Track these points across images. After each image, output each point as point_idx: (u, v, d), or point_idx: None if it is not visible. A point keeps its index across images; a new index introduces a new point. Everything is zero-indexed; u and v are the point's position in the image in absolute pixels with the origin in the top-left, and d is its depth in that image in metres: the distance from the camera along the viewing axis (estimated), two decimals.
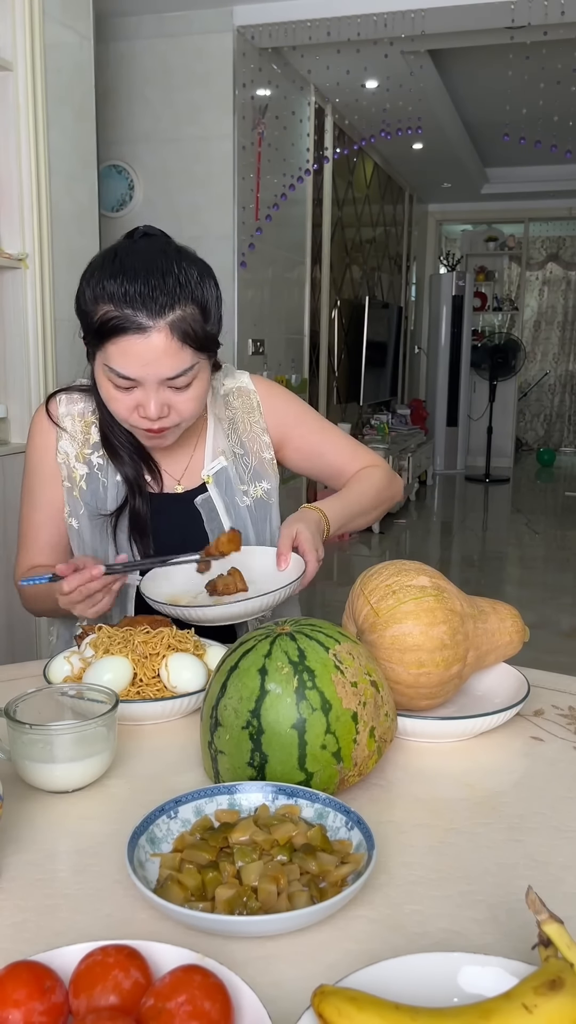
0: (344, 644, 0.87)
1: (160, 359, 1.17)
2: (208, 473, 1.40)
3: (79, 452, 1.37)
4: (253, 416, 1.44)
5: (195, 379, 1.22)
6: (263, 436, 1.44)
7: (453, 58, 4.96)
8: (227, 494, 1.40)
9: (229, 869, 0.71)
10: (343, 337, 6.32)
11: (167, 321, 1.16)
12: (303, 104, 5.15)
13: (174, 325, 1.16)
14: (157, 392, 1.20)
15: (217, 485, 1.40)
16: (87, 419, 1.37)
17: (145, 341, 1.16)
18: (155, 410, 1.20)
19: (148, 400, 1.20)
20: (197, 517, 1.38)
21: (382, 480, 1.47)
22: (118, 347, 1.17)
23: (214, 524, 1.38)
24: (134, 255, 1.20)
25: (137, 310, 1.15)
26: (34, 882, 0.74)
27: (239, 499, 1.40)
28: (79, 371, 1.49)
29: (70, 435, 1.37)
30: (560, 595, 4.69)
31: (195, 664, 1.06)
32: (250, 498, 1.42)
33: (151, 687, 1.05)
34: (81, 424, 1.37)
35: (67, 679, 1.08)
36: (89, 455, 1.37)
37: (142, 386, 1.19)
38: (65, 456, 1.37)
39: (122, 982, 0.55)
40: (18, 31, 2.52)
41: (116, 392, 1.21)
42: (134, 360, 1.17)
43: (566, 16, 3.88)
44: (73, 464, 1.36)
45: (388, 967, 0.58)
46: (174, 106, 4.23)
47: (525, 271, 9.69)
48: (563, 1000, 0.51)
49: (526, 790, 0.90)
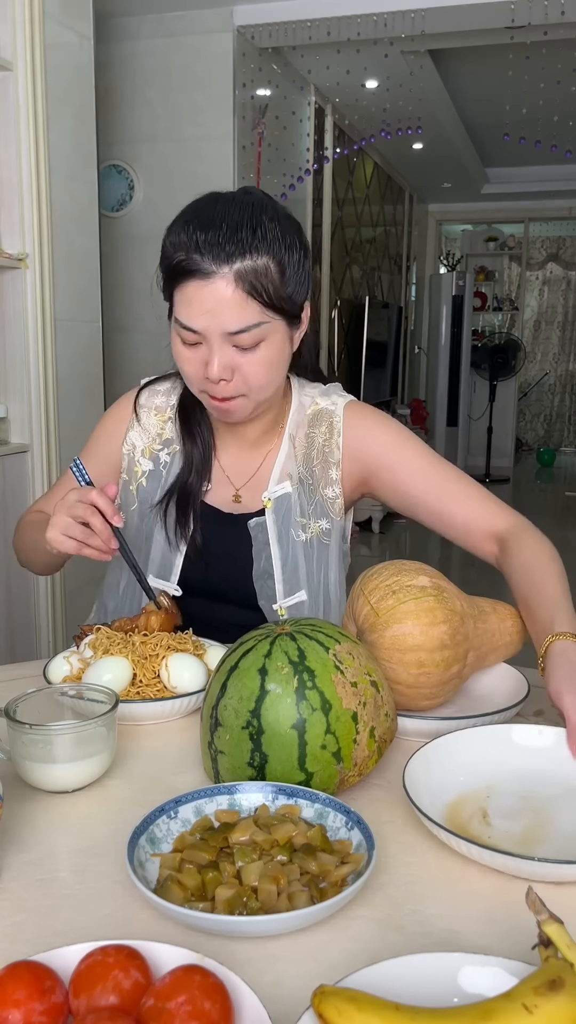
0: (344, 644, 0.87)
1: (222, 308, 1.10)
2: (270, 496, 1.29)
3: (148, 447, 1.33)
4: (329, 446, 1.30)
5: (264, 341, 1.14)
6: (332, 471, 1.30)
7: (453, 58, 4.96)
8: (283, 523, 1.29)
9: (229, 869, 0.71)
10: (343, 337, 6.32)
11: (233, 269, 1.09)
12: (303, 104, 5.15)
13: (241, 275, 1.09)
14: (221, 349, 1.12)
15: (276, 511, 1.29)
16: (165, 414, 1.34)
17: (208, 286, 1.10)
18: (218, 369, 1.12)
19: (212, 356, 1.13)
20: (246, 540, 1.29)
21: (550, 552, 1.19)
22: (183, 294, 1.12)
23: (264, 552, 1.29)
24: (214, 206, 1.14)
25: (204, 255, 1.09)
26: (34, 882, 0.74)
27: (295, 532, 1.29)
28: (79, 371, 1.49)
29: (142, 427, 1.34)
30: None
31: (195, 664, 1.06)
32: (307, 533, 1.30)
33: (151, 687, 1.05)
34: (157, 419, 1.34)
35: (67, 679, 1.08)
36: (158, 451, 1.33)
37: (206, 343, 1.13)
38: (131, 448, 1.34)
39: (122, 982, 0.55)
40: (18, 31, 2.52)
41: (184, 350, 1.16)
42: (196, 307, 1.11)
43: (566, 16, 3.88)
44: (138, 458, 1.33)
45: (388, 967, 0.58)
46: (174, 106, 4.23)
47: (525, 271, 9.69)
48: (563, 1000, 0.51)
49: None
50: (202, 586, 1.30)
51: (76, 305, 2.84)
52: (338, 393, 1.36)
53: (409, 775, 0.83)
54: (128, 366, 4.07)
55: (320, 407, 1.33)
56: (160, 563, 1.31)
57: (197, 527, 1.29)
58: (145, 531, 1.32)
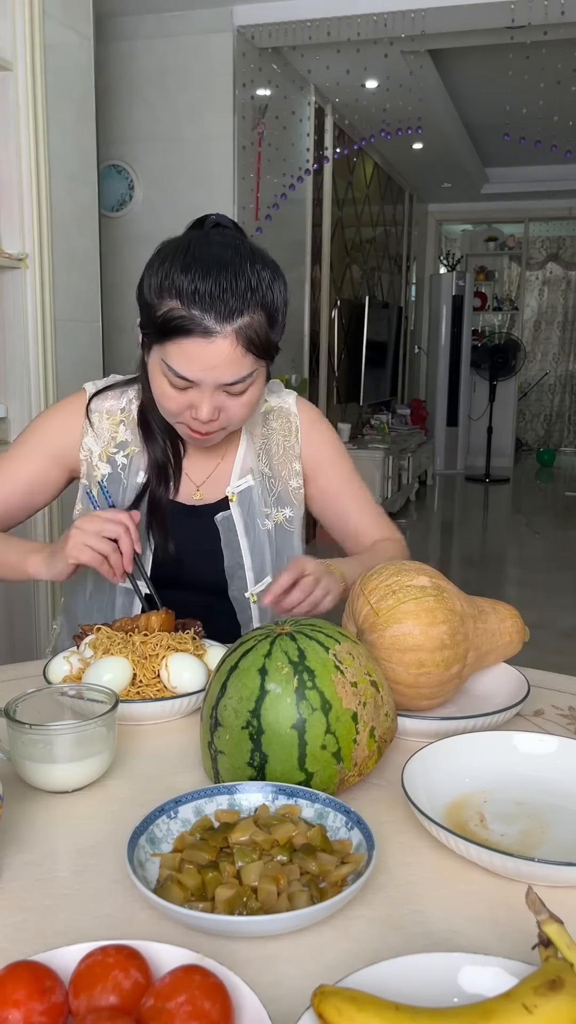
0: (344, 644, 0.87)
1: (222, 365, 1.14)
2: (233, 491, 1.36)
3: (104, 451, 1.35)
4: (289, 440, 1.40)
5: (251, 385, 1.19)
6: (294, 463, 1.40)
7: (453, 58, 4.96)
8: (249, 516, 1.36)
9: (229, 869, 0.71)
10: (343, 337, 6.32)
11: (234, 327, 1.12)
12: (303, 104, 5.15)
13: (240, 332, 1.13)
14: (212, 395, 1.17)
15: (240, 504, 1.36)
16: (115, 418, 1.35)
17: (210, 346, 1.12)
18: (207, 413, 1.17)
19: (202, 402, 1.17)
20: (214, 533, 1.35)
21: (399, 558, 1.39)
22: (181, 348, 1.13)
23: (232, 544, 1.35)
24: (207, 248, 1.15)
25: (206, 312, 1.11)
26: (34, 882, 0.74)
27: (260, 522, 1.37)
28: (80, 371, 1.49)
29: (96, 432, 1.35)
30: (560, 595, 4.69)
31: (195, 664, 1.06)
32: (271, 522, 1.38)
33: (151, 687, 1.05)
34: (109, 423, 1.35)
35: (67, 679, 1.08)
36: (114, 454, 1.35)
37: (198, 388, 1.16)
38: (89, 453, 1.34)
39: (122, 982, 0.55)
40: (18, 31, 2.52)
41: (170, 390, 1.18)
42: (196, 364, 1.14)
43: (566, 16, 3.88)
44: (96, 463, 1.34)
45: (388, 967, 0.58)
46: (174, 106, 4.23)
47: (525, 271, 9.69)
48: (563, 1000, 0.51)
49: None
50: (174, 579, 1.33)
51: (76, 305, 2.84)
52: (283, 390, 1.44)
53: (408, 776, 0.83)
54: (128, 366, 4.05)
55: (272, 405, 1.42)
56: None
57: (167, 533, 1.32)
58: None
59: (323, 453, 1.42)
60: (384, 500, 6.20)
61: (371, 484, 6.09)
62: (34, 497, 1.36)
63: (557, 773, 0.89)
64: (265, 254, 1.20)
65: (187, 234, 1.22)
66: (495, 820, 0.82)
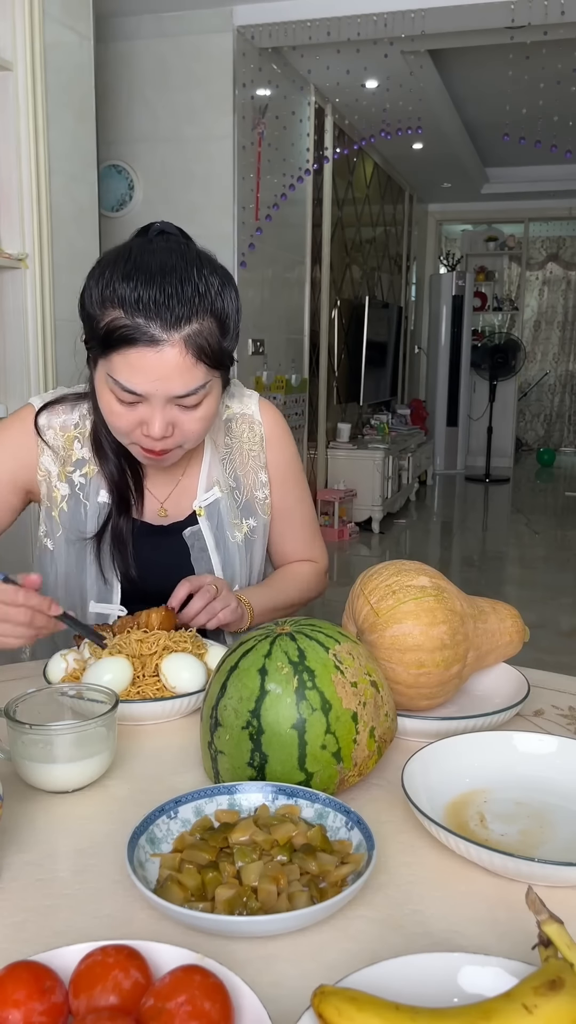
0: (344, 644, 0.87)
1: (171, 376, 1.07)
2: (201, 504, 1.31)
3: (61, 470, 1.28)
4: (254, 451, 1.35)
5: (206, 398, 1.13)
6: (260, 474, 1.36)
7: (453, 58, 4.96)
8: (218, 529, 1.31)
9: (229, 869, 0.71)
10: (343, 337, 6.32)
11: (182, 335, 1.06)
12: (303, 104, 5.16)
13: (189, 340, 1.07)
14: (164, 410, 1.10)
15: (209, 518, 1.31)
16: (70, 433, 1.28)
17: (157, 355, 1.06)
18: (160, 429, 1.10)
19: (153, 418, 1.10)
20: (183, 550, 1.30)
21: (311, 581, 1.42)
22: (126, 359, 1.07)
23: (203, 560, 1.30)
24: (150, 256, 1.09)
25: (151, 320, 1.05)
26: (34, 882, 0.74)
27: (230, 534, 1.32)
28: (80, 371, 1.48)
29: (52, 451, 1.27)
30: (560, 595, 4.69)
31: (195, 664, 1.06)
32: (240, 534, 1.34)
33: (151, 687, 1.05)
34: (63, 439, 1.28)
35: (65, 679, 1.07)
36: (71, 473, 1.28)
37: (147, 402, 1.10)
38: (47, 474, 1.28)
39: (122, 982, 0.55)
40: (18, 31, 2.52)
41: (118, 407, 1.11)
42: (143, 375, 1.07)
43: (566, 16, 3.88)
44: (55, 483, 1.28)
45: (388, 967, 0.58)
46: (174, 106, 4.23)
47: (525, 271, 9.69)
48: (563, 1000, 0.51)
49: None
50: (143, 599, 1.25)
51: (76, 305, 2.83)
52: (244, 393, 1.38)
53: (408, 776, 0.83)
54: None
55: (234, 411, 1.36)
56: (99, 588, 1.29)
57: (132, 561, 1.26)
58: (75, 557, 1.29)
59: (284, 469, 1.39)
60: (384, 500, 6.20)
61: (371, 484, 6.09)
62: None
63: (557, 773, 0.89)
64: (214, 260, 1.15)
65: (129, 242, 1.15)
66: (495, 820, 0.82)
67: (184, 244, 1.15)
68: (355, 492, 6.09)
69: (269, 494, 1.38)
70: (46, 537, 1.32)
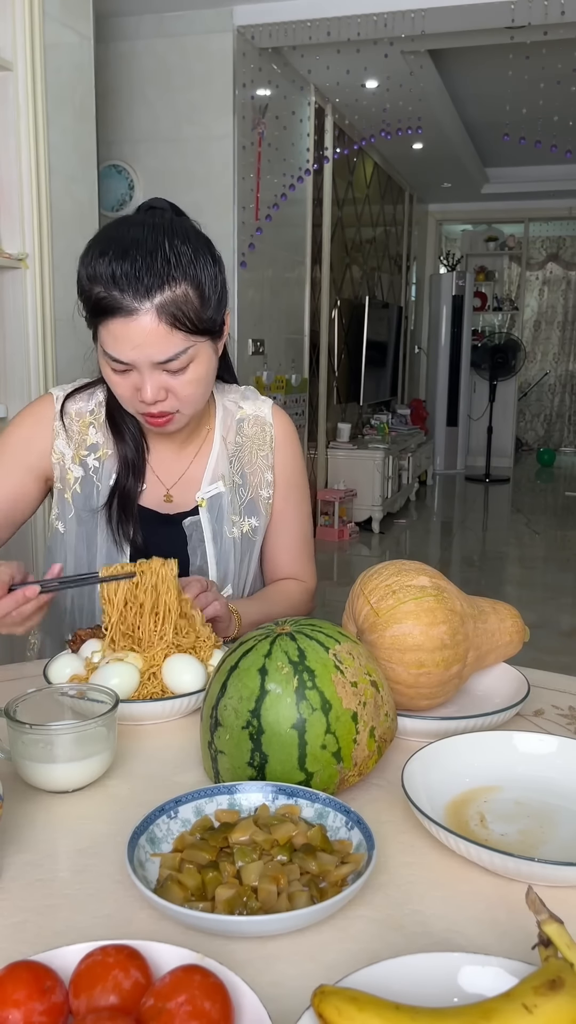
0: (344, 644, 0.87)
1: (149, 342, 1.13)
2: (203, 496, 1.35)
3: (75, 453, 1.33)
4: (263, 451, 1.40)
5: (192, 362, 1.18)
6: (266, 474, 1.40)
7: (453, 58, 4.96)
8: (217, 521, 1.35)
9: (229, 869, 0.71)
10: (343, 337, 6.32)
11: (154, 304, 1.12)
12: (303, 104, 5.16)
13: (162, 308, 1.12)
14: (151, 375, 1.16)
15: (209, 510, 1.35)
16: (85, 419, 1.34)
17: (133, 323, 1.12)
18: (151, 394, 1.16)
19: (144, 384, 1.17)
20: (180, 538, 1.34)
21: (301, 601, 1.43)
22: (109, 330, 1.14)
23: (199, 550, 1.34)
24: (124, 230, 1.16)
25: (124, 291, 1.12)
26: (34, 882, 0.74)
27: (228, 529, 1.36)
28: (79, 371, 1.48)
29: (67, 435, 1.33)
30: (560, 595, 4.69)
31: (195, 665, 1.06)
32: (238, 530, 1.37)
33: (151, 686, 1.05)
34: (78, 424, 1.34)
35: (74, 678, 1.07)
36: (85, 457, 1.33)
37: (136, 369, 1.16)
38: (60, 457, 1.33)
39: (122, 982, 0.55)
40: (18, 31, 2.52)
41: (114, 376, 1.19)
42: (124, 343, 1.14)
43: (566, 16, 3.88)
44: (68, 466, 1.33)
45: (388, 967, 0.58)
46: (174, 106, 4.23)
47: (525, 271, 9.69)
48: (563, 1000, 0.51)
49: None
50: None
51: (76, 305, 2.83)
52: (258, 397, 1.44)
53: (408, 776, 0.83)
54: None
55: (247, 412, 1.41)
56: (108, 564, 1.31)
57: (138, 527, 1.31)
58: (86, 536, 1.33)
59: (288, 474, 1.42)
60: (384, 500, 6.20)
61: (371, 484, 6.09)
62: (16, 513, 1.34)
63: (557, 773, 0.89)
64: (190, 231, 1.19)
65: (113, 220, 1.23)
66: (495, 820, 0.82)
67: (160, 218, 1.19)
68: (355, 492, 6.09)
69: (272, 495, 1.41)
70: (58, 520, 1.35)
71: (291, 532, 1.44)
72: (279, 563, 1.45)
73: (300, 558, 1.46)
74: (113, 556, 1.32)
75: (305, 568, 1.47)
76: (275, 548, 1.44)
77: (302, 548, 1.46)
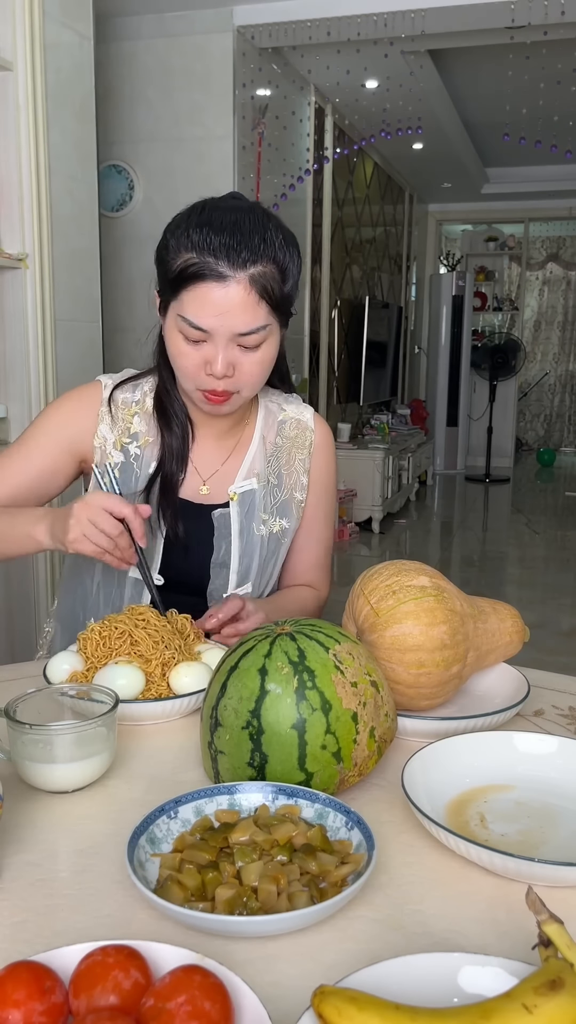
0: (344, 644, 0.87)
1: (236, 311, 1.16)
2: (235, 490, 1.36)
3: (117, 439, 1.35)
4: (301, 453, 1.42)
5: (265, 341, 1.21)
6: (302, 476, 1.42)
7: (453, 58, 4.96)
8: (247, 518, 1.36)
9: (229, 869, 0.71)
10: (343, 337, 6.32)
11: (248, 273, 1.15)
12: (303, 104, 5.16)
13: (254, 279, 1.16)
14: (227, 348, 1.18)
15: (240, 505, 1.36)
16: (130, 409, 1.36)
17: (223, 290, 1.15)
18: (222, 367, 1.19)
19: (216, 355, 1.18)
20: (209, 528, 1.35)
21: (312, 610, 1.44)
22: (195, 295, 1.16)
23: (223, 543, 1.35)
24: (222, 210, 1.19)
25: (219, 259, 1.15)
26: (34, 882, 0.74)
27: (256, 526, 1.37)
28: (80, 371, 1.49)
29: (112, 421, 1.35)
30: (560, 595, 4.69)
31: (194, 666, 1.06)
32: (267, 529, 1.38)
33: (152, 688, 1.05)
34: (124, 413, 1.36)
35: (73, 675, 1.07)
36: (127, 444, 1.35)
37: (212, 341, 1.18)
38: (103, 441, 1.35)
39: (122, 982, 0.55)
40: (18, 31, 2.52)
41: (185, 346, 1.20)
42: (210, 309, 1.16)
43: (566, 16, 3.88)
44: (109, 451, 1.35)
45: (388, 967, 0.58)
46: (174, 106, 4.23)
47: (525, 271, 9.69)
48: (563, 1000, 0.51)
49: None
50: (180, 575, 1.34)
51: (76, 305, 2.84)
52: (300, 403, 1.46)
53: (408, 776, 0.83)
54: (128, 366, 4.06)
55: (289, 415, 1.43)
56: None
57: (178, 515, 1.32)
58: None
59: (321, 483, 1.44)
60: (384, 500, 6.20)
61: (371, 484, 6.09)
62: (45, 487, 1.36)
63: (557, 773, 0.89)
64: (282, 223, 1.24)
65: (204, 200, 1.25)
66: (495, 820, 0.82)
67: (254, 204, 1.26)
68: (355, 492, 6.09)
69: (306, 499, 1.43)
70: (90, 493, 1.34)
71: (316, 539, 1.46)
72: (298, 569, 1.46)
73: (319, 566, 1.47)
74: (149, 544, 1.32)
75: (322, 577, 1.48)
76: (297, 553, 1.45)
77: (322, 557, 1.48)
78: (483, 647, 1.07)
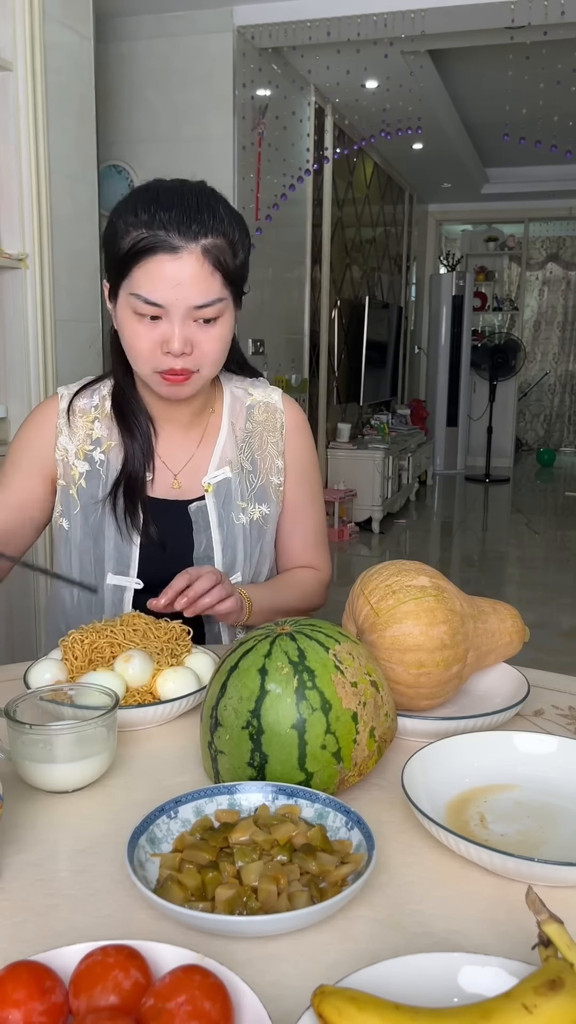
0: (344, 644, 0.87)
1: (190, 282, 1.14)
2: (209, 481, 1.34)
3: (79, 448, 1.33)
4: (273, 436, 1.39)
5: (221, 316, 1.19)
6: (277, 460, 1.39)
7: (453, 58, 4.96)
8: (224, 507, 1.35)
9: (229, 869, 0.71)
10: (343, 337, 6.32)
11: (200, 244, 1.14)
12: (303, 104, 5.15)
13: (207, 250, 1.15)
14: (183, 324, 1.17)
15: (216, 496, 1.34)
16: (90, 415, 1.35)
17: (176, 262, 1.14)
18: (179, 343, 1.16)
19: (173, 331, 1.16)
20: (187, 524, 1.33)
21: (313, 590, 1.42)
22: (146, 270, 1.14)
23: (204, 535, 1.34)
24: (168, 188, 1.19)
25: (170, 231, 1.13)
26: (34, 882, 0.74)
27: (235, 515, 1.35)
28: (80, 371, 1.49)
29: (71, 431, 1.34)
30: (560, 595, 4.69)
31: (179, 672, 1.05)
32: (247, 517, 1.36)
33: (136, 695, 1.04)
34: (83, 420, 1.35)
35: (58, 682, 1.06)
36: (90, 451, 1.34)
37: (167, 318, 1.16)
38: (64, 453, 1.33)
39: (122, 982, 0.55)
40: (18, 31, 2.52)
41: (140, 327, 1.18)
42: (164, 282, 1.14)
43: (566, 16, 3.88)
44: (72, 462, 1.33)
45: (388, 967, 0.58)
46: (174, 106, 4.23)
47: (525, 271, 9.69)
48: (563, 1000, 0.51)
49: None
50: (160, 576, 1.28)
51: (76, 305, 2.84)
52: (267, 386, 1.44)
53: (408, 776, 0.83)
54: None
55: (257, 399, 1.41)
56: (117, 559, 1.32)
57: (148, 517, 1.31)
58: (94, 530, 1.33)
59: (300, 463, 1.42)
60: (384, 500, 6.20)
61: (371, 484, 6.09)
62: (31, 515, 1.36)
63: (557, 773, 0.89)
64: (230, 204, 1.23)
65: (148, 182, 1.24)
66: (495, 820, 0.82)
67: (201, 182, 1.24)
68: (355, 492, 6.09)
69: (283, 482, 1.40)
70: (62, 517, 1.35)
71: (304, 521, 1.43)
72: (292, 552, 1.44)
73: (314, 546, 1.45)
74: (121, 548, 1.32)
75: (319, 556, 1.45)
76: (288, 537, 1.43)
77: (316, 537, 1.45)
78: (483, 647, 1.07)
